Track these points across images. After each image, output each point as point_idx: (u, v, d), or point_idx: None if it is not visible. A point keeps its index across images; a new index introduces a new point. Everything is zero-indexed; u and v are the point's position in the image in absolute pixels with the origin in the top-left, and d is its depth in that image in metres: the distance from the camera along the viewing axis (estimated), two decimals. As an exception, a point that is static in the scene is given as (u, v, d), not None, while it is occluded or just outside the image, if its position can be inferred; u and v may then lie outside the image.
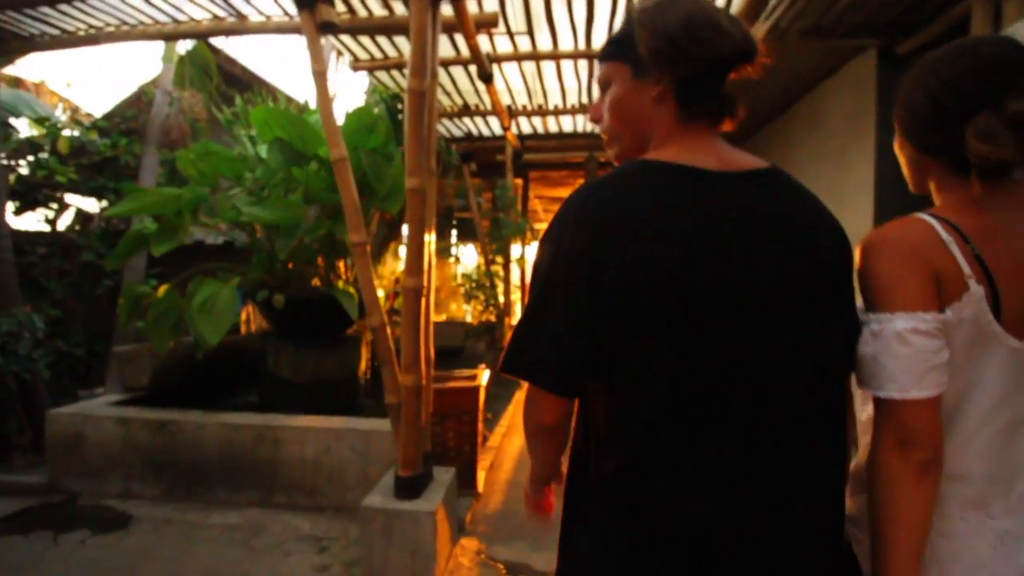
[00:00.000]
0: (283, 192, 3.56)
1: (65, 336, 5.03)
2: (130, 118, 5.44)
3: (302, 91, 16.18)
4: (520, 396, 5.49)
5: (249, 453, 3.09)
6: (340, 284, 4.02)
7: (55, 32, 3.52)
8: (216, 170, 3.27)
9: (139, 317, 3.52)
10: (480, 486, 3.15)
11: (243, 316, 4.40)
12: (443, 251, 6.23)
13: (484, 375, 3.27)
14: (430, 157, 2.52)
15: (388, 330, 2.46)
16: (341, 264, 4.00)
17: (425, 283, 2.35)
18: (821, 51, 3.57)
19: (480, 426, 3.17)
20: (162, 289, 3.18)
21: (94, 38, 3.47)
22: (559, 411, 0.78)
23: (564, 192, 9.14)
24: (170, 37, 3.75)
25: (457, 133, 6.10)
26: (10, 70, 6.25)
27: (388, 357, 2.39)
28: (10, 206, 4.92)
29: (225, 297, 2.88)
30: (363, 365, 4.30)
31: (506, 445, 4.16)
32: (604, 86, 0.88)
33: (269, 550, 2.64)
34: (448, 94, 4.78)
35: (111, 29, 3.43)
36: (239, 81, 6.29)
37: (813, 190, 0.80)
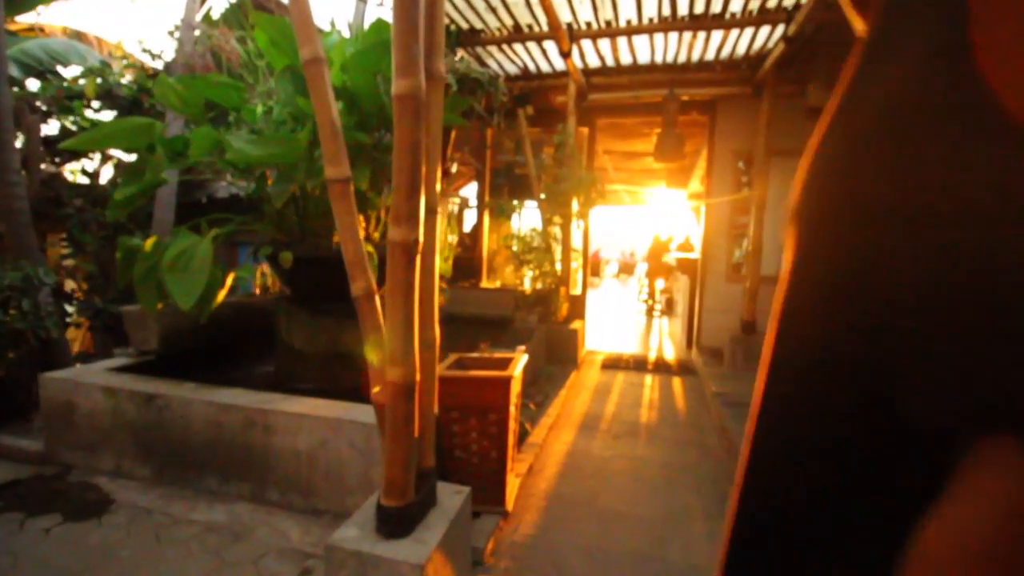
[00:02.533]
0: (291, 129, 2.96)
1: (102, 292, 4.87)
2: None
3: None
4: (577, 378, 4.79)
5: (240, 439, 2.60)
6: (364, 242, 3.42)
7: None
8: (201, 96, 2.70)
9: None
10: (510, 502, 2.49)
11: (257, 276, 3.94)
12: (499, 210, 5.52)
13: (520, 361, 2.55)
14: (436, 54, 1.77)
15: (377, 300, 1.79)
16: (362, 218, 3.38)
17: (421, 237, 1.64)
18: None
19: (513, 424, 2.48)
20: (149, 242, 2.70)
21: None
22: None
23: (639, 145, 8.05)
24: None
25: (510, 69, 5.25)
26: (75, 23, 6.13)
27: (374, 337, 1.73)
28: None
29: (202, 253, 2.33)
30: (390, 337, 3.71)
31: (552, 442, 3.46)
32: None
33: (241, 566, 2.13)
34: (494, 9, 3.94)
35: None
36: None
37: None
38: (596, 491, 2.77)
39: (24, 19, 6.90)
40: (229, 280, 3.23)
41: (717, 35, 4.21)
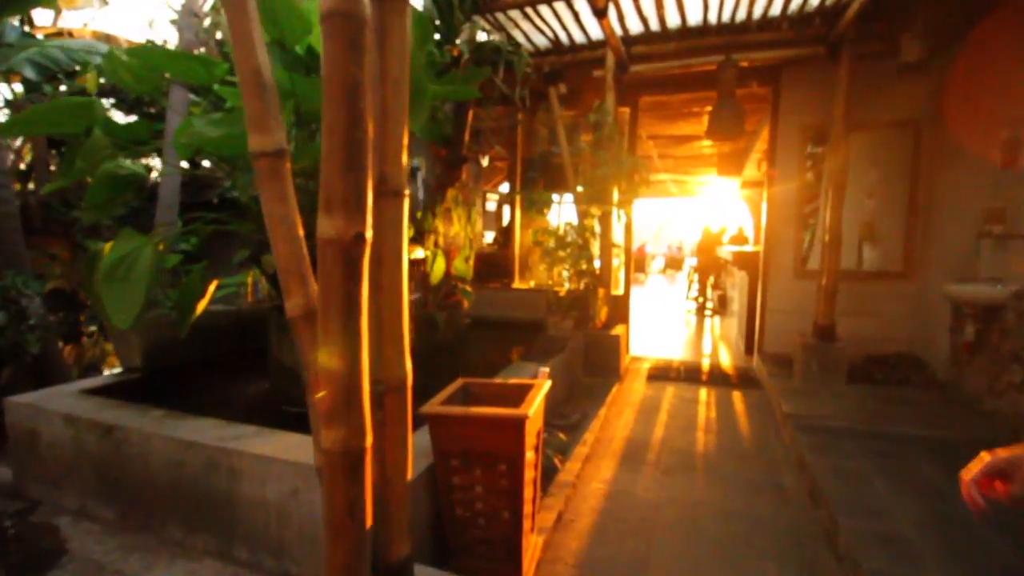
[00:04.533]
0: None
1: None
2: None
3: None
4: (619, 392, 4.11)
5: (202, 483, 2.15)
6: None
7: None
8: (158, 72, 2.26)
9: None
10: (528, 575, 1.91)
11: (248, 281, 3.53)
12: (529, 203, 4.94)
13: (541, 391, 1.97)
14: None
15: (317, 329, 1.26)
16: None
17: (370, 231, 1.09)
18: None
19: (532, 473, 1.91)
20: (108, 246, 2.28)
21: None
22: None
23: (688, 128, 7.27)
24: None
25: (539, 41, 4.65)
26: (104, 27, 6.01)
27: (312, 378, 1.20)
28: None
29: (144, 261, 1.88)
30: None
31: (588, 478, 2.86)
32: None
33: (179, 662, 1.66)
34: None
35: None
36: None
37: None
38: (642, 556, 2.16)
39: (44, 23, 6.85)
40: (211, 288, 2.80)
41: (787, -19, 3.47)
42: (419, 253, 2.99)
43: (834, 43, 4.00)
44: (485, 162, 8.23)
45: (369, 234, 1.10)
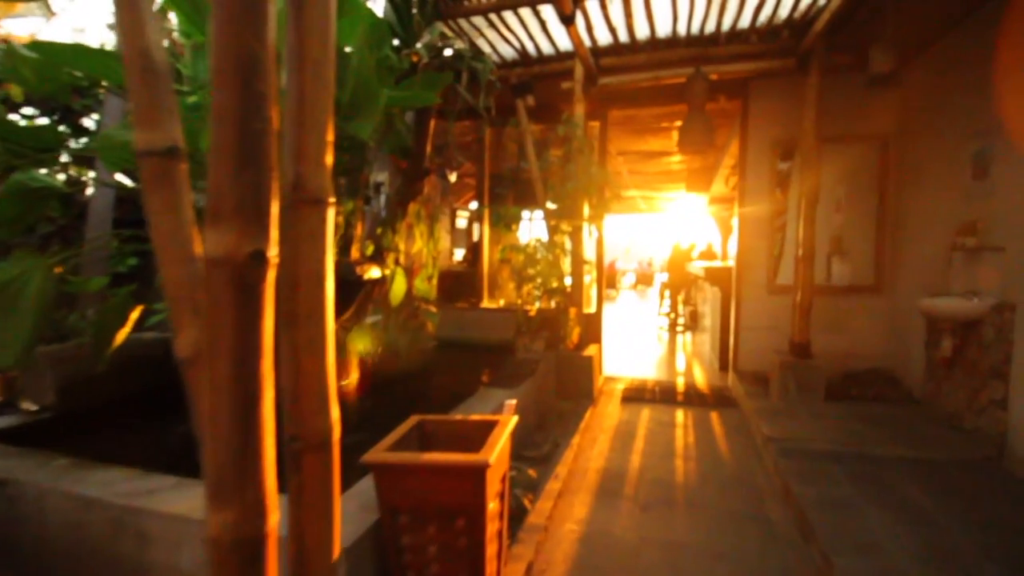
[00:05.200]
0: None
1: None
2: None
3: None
4: (593, 417, 3.85)
5: (107, 548, 1.81)
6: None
7: None
8: (63, 69, 1.97)
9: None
10: (491, 650, 1.65)
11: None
12: (496, 218, 4.73)
13: (506, 430, 1.73)
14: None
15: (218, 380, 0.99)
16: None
17: (274, 249, 0.85)
18: None
19: (495, 525, 1.66)
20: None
21: None
22: None
23: (657, 144, 7.23)
24: None
25: (506, 52, 4.49)
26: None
27: (212, 442, 0.93)
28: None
29: (37, 285, 1.57)
30: (351, 374, 2.93)
31: (561, 518, 2.61)
32: None
33: None
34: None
35: None
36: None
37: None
38: (624, 611, 1.92)
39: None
40: (134, 315, 2.47)
41: (755, -8, 3.40)
42: (374, 272, 2.73)
43: (803, 55, 3.96)
44: (453, 178, 8.02)
45: (274, 252, 0.85)
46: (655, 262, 19.40)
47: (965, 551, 2.17)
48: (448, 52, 3.07)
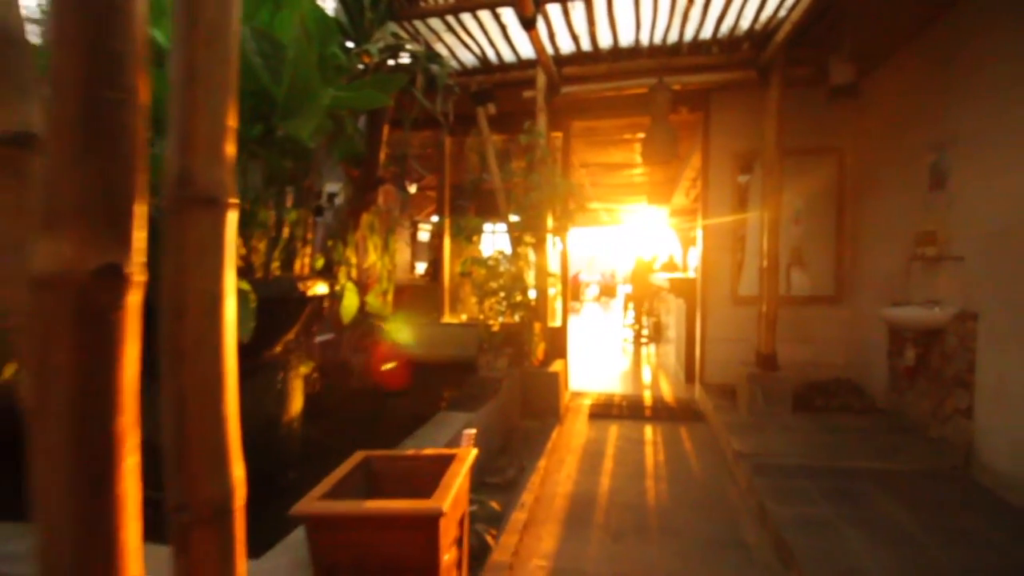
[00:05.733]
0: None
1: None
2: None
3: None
4: (560, 436, 3.63)
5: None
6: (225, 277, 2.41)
7: None
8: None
9: None
10: None
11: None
12: (457, 230, 4.53)
13: (464, 466, 1.52)
14: None
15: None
16: (239, 240, 2.36)
17: (133, 264, 0.63)
18: None
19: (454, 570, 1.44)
20: None
21: None
22: None
23: (620, 156, 7.22)
24: None
25: (466, 58, 4.34)
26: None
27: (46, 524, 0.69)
28: None
29: None
30: (295, 404, 2.65)
31: (528, 554, 2.40)
32: None
33: None
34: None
35: None
36: None
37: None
38: (598, 664, 1.73)
39: None
40: None
41: (718, 2, 3.36)
42: (320, 288, 2.49)
43: (764, 67, 3.96)
44: (413, 189, 7.80)
45: (136, 266, 0.64)
46: (618, 274, 19.58)
47: (947, 571, 2.09)
48: (403, 54, 2.88)
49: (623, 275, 17.38)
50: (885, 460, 3.18)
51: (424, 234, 10.36)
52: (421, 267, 9.59)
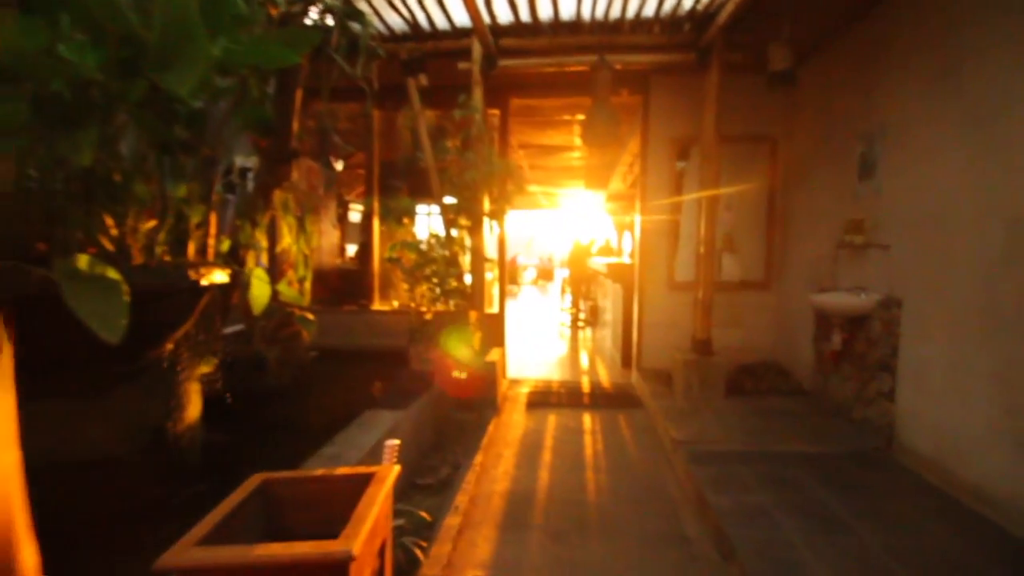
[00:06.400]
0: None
1: None
2: None
3: None
4: (497, 428, 3.45)
5: None
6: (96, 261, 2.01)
7: None
8: None
9: None
10: None
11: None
12: (385, 212, 4.19)
13: (383, 489, 1.29)
14: None
15: None
16: (110, 219, 1.96)
17: None
18: None
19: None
20: None
21: None
22: None
23: (559, 138, 7.06)
24: None
25: (395, 22, 3.98)
26: None
27: None
28: None
29: None
30: (192, 409, 2.30)
31: (463, 562, 2.21)
32: None
33: None
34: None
35: None
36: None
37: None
38: None
39: None
40: None
41: (661, -23, 3.22)
42: (218, 276, 2.14)
43: (704, 50, 3.89)
44: (339, 166, 7.28)
45: None
46: (556, 258, 19.67)
47: (880, 557, 2.11)
48: (317, 6, 2.52)
49: (561, 259, 17.47)
50: (814, 443, 3.25)
51: (356, 215, 9.81)
52: (354, 250, 9.08)
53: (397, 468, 1.44)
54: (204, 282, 2.12)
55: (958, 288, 2.64)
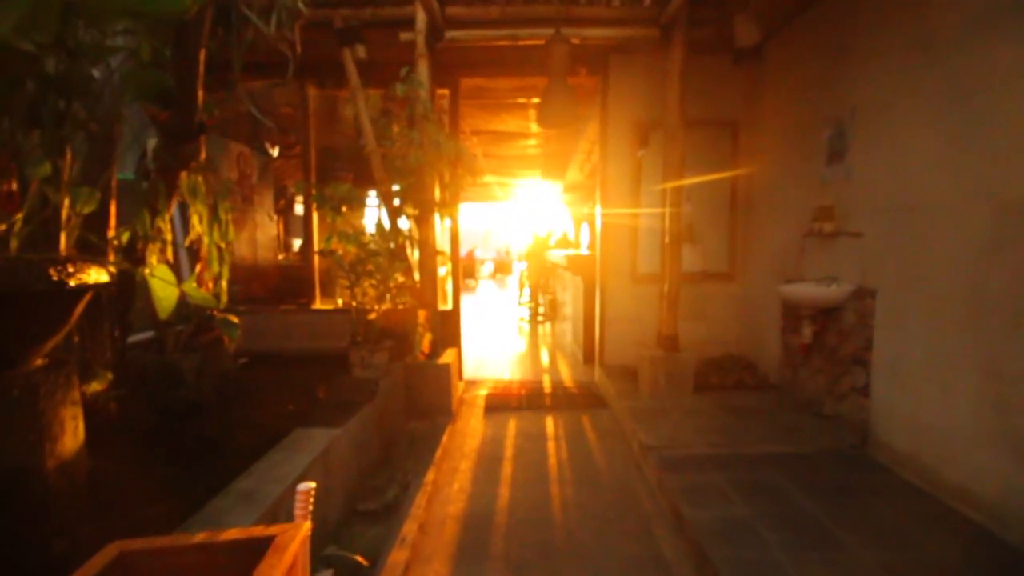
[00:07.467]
0: None
1: None
2: None
3: None
4: (452, 439, 3.01)
5: None
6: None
7: None
8: None
9: None
10: None
11: None
12: (321, 201, 3.73)
13: (285, 561, 0.92)
14: None
15: None
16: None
17: None
18: None
19: None
20: None
21: None
22: None
23: (513, 123, 6.72)
24: None
25: (326, -15, 3.53)
26: None
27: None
28: None
29: None
30: (68, 439, 1.83)
31: (408, 613, 1.86)
32: None
33: None
34: None
35: None
36: None
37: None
38: None
39: None
40: None
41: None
42: (96, 275, 1.69)
43: (667, 25, 3.64)
44: (275, 152, 6.70)
45: None
46: (513, 251, 19.39)
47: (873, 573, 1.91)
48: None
49: (519, 252, 17.20)
50: (789, 443, 3.07)
51: (301, 207, 9.17)
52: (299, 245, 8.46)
53: (307, 527, 1.08)
54: (74, 282, 1.67)
55: (938, 277, 2.49)
